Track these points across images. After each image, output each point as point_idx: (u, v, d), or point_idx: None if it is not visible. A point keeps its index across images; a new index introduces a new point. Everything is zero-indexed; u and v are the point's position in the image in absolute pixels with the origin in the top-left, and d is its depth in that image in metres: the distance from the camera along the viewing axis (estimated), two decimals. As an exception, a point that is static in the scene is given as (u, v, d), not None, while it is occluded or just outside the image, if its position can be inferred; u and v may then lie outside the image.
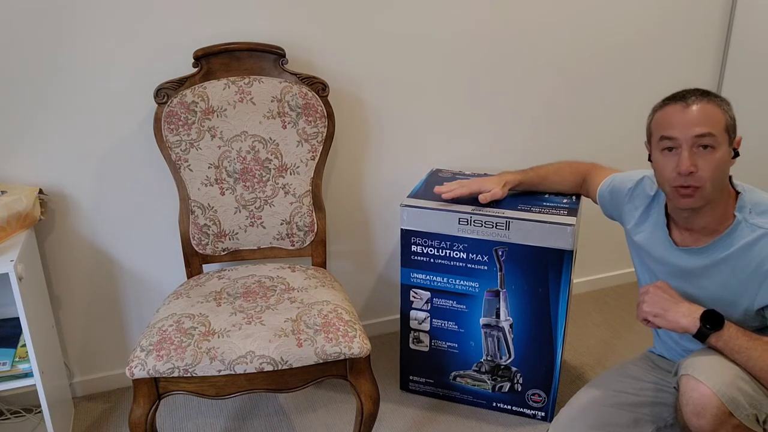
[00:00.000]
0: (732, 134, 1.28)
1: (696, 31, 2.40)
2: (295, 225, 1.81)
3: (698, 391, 1.21)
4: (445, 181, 1.94)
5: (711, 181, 1.26)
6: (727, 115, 1.27)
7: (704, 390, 1.20)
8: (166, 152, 1.70)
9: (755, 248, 1.28)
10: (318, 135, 1.78)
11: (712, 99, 1.28)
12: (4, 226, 1.55)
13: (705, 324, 1.25)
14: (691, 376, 1.23)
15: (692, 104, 1.27)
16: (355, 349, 1.44)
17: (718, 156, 1.25)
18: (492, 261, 1.74)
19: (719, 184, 1.28)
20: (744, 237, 1.29)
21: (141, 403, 1.42)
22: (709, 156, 1.25)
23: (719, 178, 1.27)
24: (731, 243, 1.31)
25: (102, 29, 1.68)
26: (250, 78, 1.73)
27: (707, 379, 1.21)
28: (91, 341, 1.96)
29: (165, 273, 1.96)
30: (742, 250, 1.30)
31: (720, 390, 1.19)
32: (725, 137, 1.27)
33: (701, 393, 1.20)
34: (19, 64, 1.64)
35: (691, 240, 1.39)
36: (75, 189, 1.79)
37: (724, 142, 1.26)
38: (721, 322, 1.25)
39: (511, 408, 1.90)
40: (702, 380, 1.21)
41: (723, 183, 1.29)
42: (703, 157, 1.26)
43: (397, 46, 2.00)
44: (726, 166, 1.28)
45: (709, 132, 1.25)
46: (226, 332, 1.43)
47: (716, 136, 1.25)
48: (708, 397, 1.19)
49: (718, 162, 1.25)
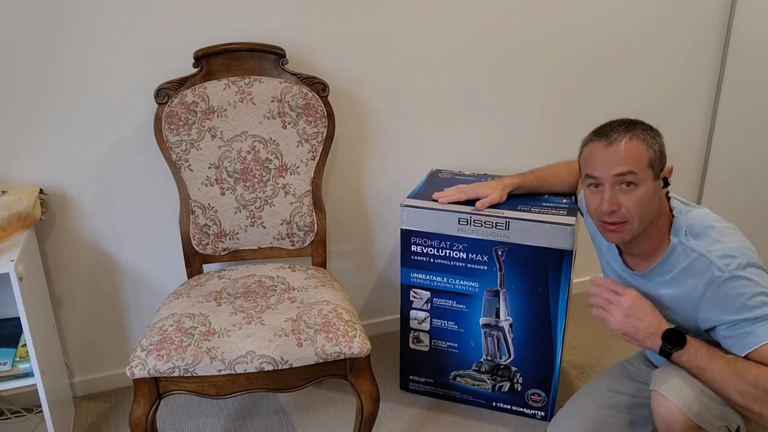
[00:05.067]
0: (657, 167, 1.27)
1: (696, 31, 2.40)
2: (295, 225, 1.81)
3: (665, 407, 1.22)
4: (446, 181, 1.95)
5: (636, 217, 1.27)
6: (652, 149, 1.26)
7: (671, 406, 1.22)
8: (166, 152, 1.71)
9: (691, 272, 1.28)
10: (318, 135, 1.78)
11: (636, 134, 1.27)
12: (5, 226, 1.55)
13: (666, 344, 1.25)
14: (658, 392, 1.24)
15: (614, 142, 1.26)
16: (355, 348, 1.44)
17: (640, 193, 1.26)
18: (492, 261, 1.75)
19: (648, 217, 1.28)
20: (681, 261, 1.29)
21: (141, 402, 1.42)
22: (631, 193, 1.26)
23: (645, 213, 1.28)
24: (670, 268, 1.31)
25: (102, 29, 1.69)
26: (251, 78, 1.73)
27: (674, 396, 1.22)
28: (92, 341, 1.96)
29: (165, 273, 1.97)
30: (680, 274, 1.29)
31: (686, 406, 1.20)
32: (648, 173, 1.26)
33: (668, 409, 1.22)
34: (19, 64, 1.64)
35: (634, 264, 1.40)
36: (75, 189, 1.80)
37: (648, 178, 1.26)
38: (683, 340, 1.24)
39: (510, 408, 1.91)
40: (668, 397, 1.22)
41: (652, 215, 1.29)
42: (626, 194, 1.26)
43: (397, 46, 2.00)
44: (652, 200, 1.28)
45: (629, 170, 1.25)
46: (227, 332, 1.43)
47: (637, 174, 1.25)
48: (675, 413, 1.21)
49: (640, 198, 1.26)
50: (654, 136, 1.29)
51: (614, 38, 2.28)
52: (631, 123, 1.30)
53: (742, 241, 1.27)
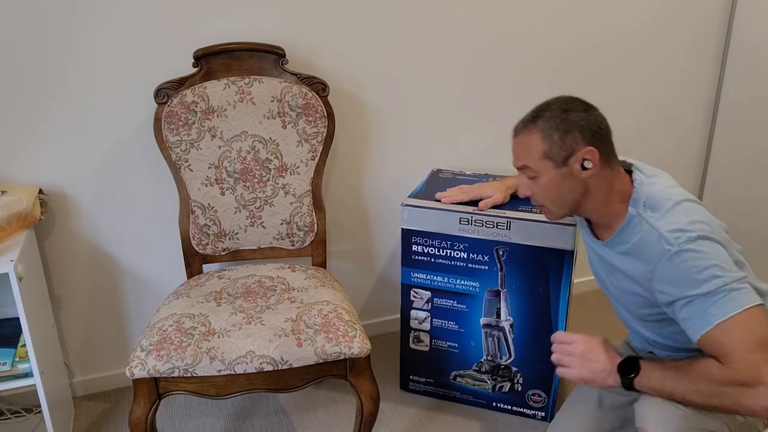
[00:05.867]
0: (559, 156, 1.25)
1: (696, 31, 2.40)
2: (295, 225, 1.81)
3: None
4: (447, 181, 1.94)
5: (549, 203, 1.31)
6: (549, 139, 1.25)
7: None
8: (166, 152, 1.70)
9: (644, 245, 1.25)
10: (318, 135, 1.78)
11: (536, 125, 1.27)
12: (4, 226, 1.55)
13: (624, 376, 1.22)
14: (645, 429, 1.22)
15: (515, 135, 1.31)
16: (355, 349, 1.44)
17: (543, 182, 1.28)
18: (493, 261, 1.74)
19: (566, 201, 1.29)
20: (636, 233, 1.26)
21: (141, 402, 1.42)
22: (535, 183, 1.30)
23: (558, 199, 1.29)
24: (627, 238, 1.29)
25: (102, 29, 1.68)
26: (250, 78, 1.73)
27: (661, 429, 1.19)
28: (91, 341, 1.96)
29: (165, 273, 1.96)
30: (636, 246, 1.27)
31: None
32: (545, 164, 1.27)
33: None
34: (19, 64, 1.64)
35: (600, 233, 1.39)
36: (75, 189, 1.79)
37: (546, 168, 1.27)
38: (636, 365, 1.22)
39: (511, 408, 1.90)
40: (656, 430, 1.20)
41: (572, 197, 1.29)
42: (533, 183, 1.30)
43: (397, 46, 2.00)
44: (560, 187, 1.28)
45: (523, 165, 1.30)
46: (226, 332, 1.43)
47: (531, 167, 1.28)
48: None
49: (544, 188, 1.29)
50: (559, 122, 1.26)
51: (614, 38, 2.28)
52: (539, 111, 1.29)
53: (699, 214, 1.21)
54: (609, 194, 1.30)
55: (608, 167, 1.28)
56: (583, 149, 1.25)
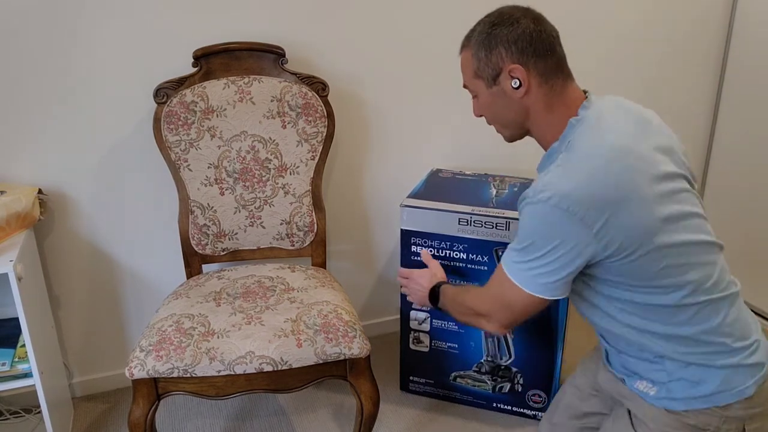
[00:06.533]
0: (488, 74, 1.20)
1: (696, 31, 2.40)
2: (294, 225, 1.81)
3: None
4: (446, 180, 1.94)
5: (493, 122, 1.28)
6: (476, 57, 1.20)
7: None
8: (165, 152, 1.70)
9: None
10: (318, 135, 1.77)
11: (469, 43, 1.24)
12: (4, 226, 1.55)
13: (432, 301, 1.44)
14: None
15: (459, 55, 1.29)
16: (355, 349, 1.44)
17: (481, 102, 1.26)
18: (492, 261, 1.74)
19: (508, 120, 1.24)
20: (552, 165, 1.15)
21: (140, 403, 1.41)
22: (476, 102, 1.28)
23: (499, 118, 1.25)
24: (545, 167, 1.21)
25: (102, 29, 1.68)
26: (250, 78, 1.73)
27: None
28: (91, 341, 1.95)
29: (164, 273, 1.96)
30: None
31: None
32: (478, 83, 1.23)
33: None
34: (18, 64, 1.64)
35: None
36: (74, 189, 1.79)
37: (480, 87, 1.23)
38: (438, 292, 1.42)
39: (511, 408, 1.90)
40: None
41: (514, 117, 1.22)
42: (476, 102, 1.28)
43: (397, 46, 2.00)
44: (494, 105, 1.22)
45: (464, 84, 1.28)
46: (226, 332, 1.43)
47: (468, 86, 1.27)
48: None
49: (483, 106, 1.26)
50: (484, 38, 1.19)
51: (615, 38, 2.28)
52: (474, 27, 1.24)
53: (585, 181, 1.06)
54: (547, 116, 1.20)
55: (547, 86, 1.18)
56: (508, 66, 1.17)
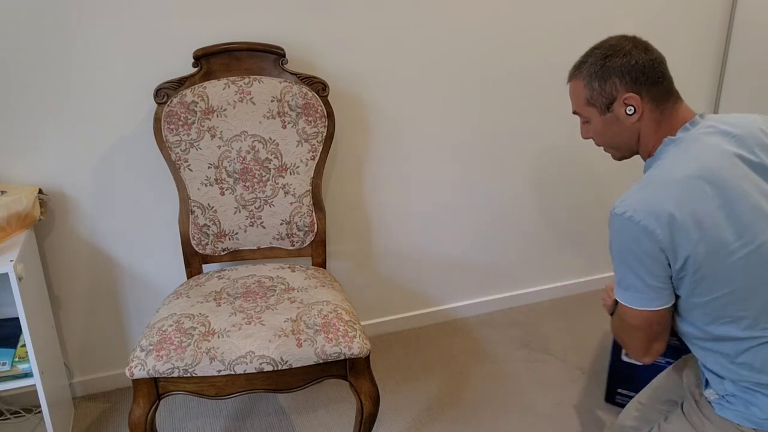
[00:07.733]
0: (601, 102, 1.29)
1: (696, 30, 2.40)
2: (295, 225, 1.81)
3: None
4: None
5: (605, 145, 1.36)
6: (590, 87, 1.30)
7: None
8: (165, 152, 1.70)
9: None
10: (318, 135, 1.78)
11: (580, 71, 1.32)
12: (4, 226, 1.55)
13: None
14: None
15: (567, 82, 1.37)
16: (355, 349, 1.44)
17: (592, 127, 1.34)
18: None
19: (620, 143, 1.33)
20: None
21: (141, 403, 1.42)
22: (588, 127, 1.36)
23: (611, 141, 1.34)
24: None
25: (102, 29, 1.68)
26: (250, 78, 1.73)
27: None
28: (91, 341, 1.95)
29: (165, 273, 1.96)
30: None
31: None
32: (590, 110, 1.32)
33: None
34: (19, 64, 1.64)
35: None
36: (75, 189, 1.79)
37: (593, 113, 1.32)
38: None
39: (511, 408, 1.90)
40: None
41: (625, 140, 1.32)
42: (588, 126, 1.36)
43: (397, 46, 2.00)
44: (607, 131, 1.32)
45: (574, 111, 1.36)
46: (226, 332, 1.43)
47: (580, 113, 1.35)
48: None
49: (595, 131, 1.34)
50: (598, 69, 1.29)
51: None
52: (584, 57, 1.32)
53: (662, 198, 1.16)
54: (653, 136, 1.30)
55: (657, 110, 1.29)
56: (623, 95, 1.28)
